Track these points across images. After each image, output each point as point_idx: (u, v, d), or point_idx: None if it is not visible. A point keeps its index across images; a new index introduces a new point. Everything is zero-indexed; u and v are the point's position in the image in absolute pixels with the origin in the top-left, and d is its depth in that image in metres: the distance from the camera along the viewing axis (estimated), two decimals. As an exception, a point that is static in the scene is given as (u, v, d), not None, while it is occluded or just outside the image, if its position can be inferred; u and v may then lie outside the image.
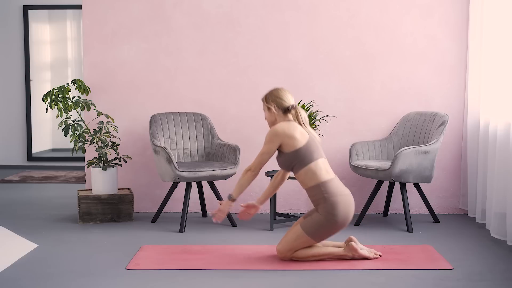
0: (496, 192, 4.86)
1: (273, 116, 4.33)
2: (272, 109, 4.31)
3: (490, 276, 3.96)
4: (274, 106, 4.30)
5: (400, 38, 5.78)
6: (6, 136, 8.94)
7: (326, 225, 4.15)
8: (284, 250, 4.22)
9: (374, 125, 5.81)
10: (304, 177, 4.20)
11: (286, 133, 4.19)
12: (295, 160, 4.20)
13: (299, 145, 4.18)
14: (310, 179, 4.19)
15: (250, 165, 4.35)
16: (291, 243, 4.20)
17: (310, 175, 4.18)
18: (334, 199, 4.13)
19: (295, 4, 5.76)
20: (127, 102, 5.83)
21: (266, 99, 4.34)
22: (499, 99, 5.01)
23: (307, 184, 4.21)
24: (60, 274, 3.99)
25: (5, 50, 8.85)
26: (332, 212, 4.12)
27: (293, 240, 4.20)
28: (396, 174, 5.07)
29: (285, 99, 4.30)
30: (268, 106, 4.32)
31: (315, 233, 4.16)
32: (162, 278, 3.92)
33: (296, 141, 4.18)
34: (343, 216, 4.14)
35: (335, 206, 4.12)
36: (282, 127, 4.22)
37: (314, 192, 4.18)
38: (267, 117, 4.37)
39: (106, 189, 5.48)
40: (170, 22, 5.79)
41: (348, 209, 4.17)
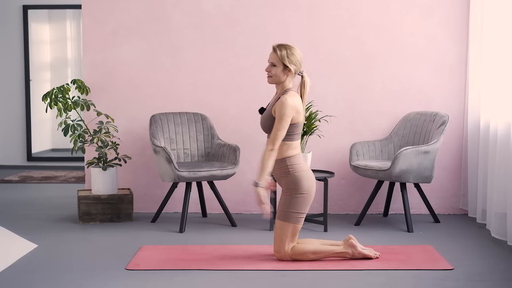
0: (497, 192, 4.86)
1: (284, 76, 4.17)
2: (292, 71, 4.16)
3: (490, 276, 3.96)
4: (294, 69, 4.17)
5: (400, 38, 5.78)
6: (5, 136, 8.93)
7: (294, 202, 4.17)
8: (279, 248, 4.23)
9: (374, 125, 5.81)
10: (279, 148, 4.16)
11: (297, 107, 4.12)
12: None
13: (296, 121, 4.15)
14: (280, 152, 4.17)
15: (270, 144, 4.10)
16: (279, 237, 4.22)
17: (283, 149, 4.17)
18: (297, 174, 4.17)
19: (295, 4, 5.76)
20: (127, 102, 5.83)
21: (288, 57, 4.16)
22: (499, 99, 5.01)
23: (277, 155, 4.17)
24: (60, 274, 3.99)
25: (5, 50, 8.85)
26: (297, 186, 4.16)
27: (278, 234, 4.22)
28: (396, 174, 5.07)
29: (301, 63, 4.22)
30: (286, 65, 4.15)
31: (289, 215, 4.17)
32: (162, 278, 3.91)
33: (299, 117, 4.15)
34: (307, 189, 4.17)
35: (298, 180, 4.16)
36: (294, 102, 4.11)
37: (280, 165, 4.19)
38: (276, 74, 4.16)
39: (106, 189, 5.48)
40: (170, 22, 5.79)
41: (311, 183, 4.20)
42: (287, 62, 4.15)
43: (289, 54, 4.16)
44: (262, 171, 4.09)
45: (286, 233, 4.20)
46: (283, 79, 4.20)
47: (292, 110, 4.11)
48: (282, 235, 4.21)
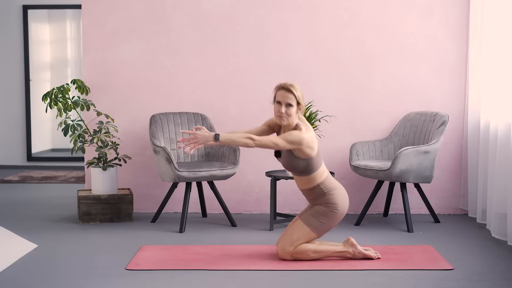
0: (497, 192, 4.86)
1: (297, 114, 4.19)
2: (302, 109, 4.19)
3: (491, 276, 3.95)
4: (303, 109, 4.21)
5: (400, 38, 5.77)
6: (5, 136, 8.93)
7: (327, 215, 4.21)
8: (285, 245, 4.21)
9: (374, 125, 5.81)
10: (308, 181, 4.22)
11: (309, 143, 4.11)
12: (307, 167, 4.17)
13: (313, 154, 4.17)
14: (312, 182, 4.22)
15: (256, 137, 4.07)
16: (292, 236, 4.21)
17: (314, 179, 4.22)
18: (334, 192, 4.22)
19: (295, 4, 5.76)
20: (127, 102, 5.83)
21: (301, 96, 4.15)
22: (499, 99, 5.01)
23: (304, 185, 4.25)
24: (60, 274, 3.99)
25: (5, 50, 8.85)
26: (334, 203, 4.21)
27: (292, 233, 4.22)
28: (396, 174, 5.07)
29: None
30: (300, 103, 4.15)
31: (316, 224, 4.21)
32: (162, 278, 3.91)
33: (313, 151, 4.16)
34: (342, 207, 4.24)
35: (336, 197, 4.22)
36: (308, 138, 4.09)
37: (313, 191, 4.24)
38: (291, 114, 4.13)
39: (106, 189, 5.48)
40: (170, 22, 5.78)
41: (346, 201, 4.27)
42: (302, 100, 4.18)
43: (300, 91, 4.18)
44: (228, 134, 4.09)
45: (301, 237, 4.21)
46: (295, 119, 4.21)
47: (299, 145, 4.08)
48: (297, 236, 4.21)
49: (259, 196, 5.85)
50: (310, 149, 4.12)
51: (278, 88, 4.18)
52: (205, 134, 4.03)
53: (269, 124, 4.37)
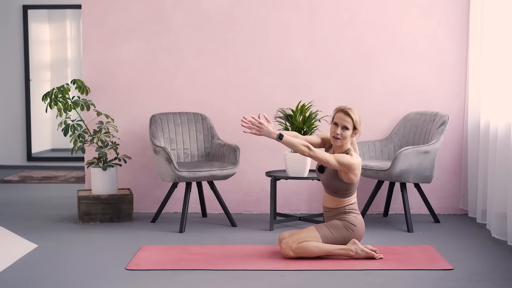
0: (497, 192, 4.86)
1: (350, 136, 4.30)
2: (358, 134, 4.32)
3: (491, 276, 3.95)
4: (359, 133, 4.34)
5: (400, 38, 5.78)
6: (5, 136, 8.93)
7: (341, 231, 4.30)
8: (290, 241, 4.26)
9: (374, 125, 5.81)
10: (339, 202, 4.34)
11: (356, 171, 4.24)
12: (347, 189, 4.31)
13: (356, 180, 4.29)
14: (342, 203, 4.34)
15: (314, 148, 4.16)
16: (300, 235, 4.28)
17: (348, 201, 4.34)
18: (355, 215, 4.33)
19: (295, 4, 5.76)
20: (127, 102, 5.83)
21: (359, 120, 4.30)
22: (499, 99, 5.01)
23: (335, 205, 4.36)
24: (60, 274, 3.99)
25: (5, 50, 8.85)
26: (353, 223, 4.30)
27: (302, 232, 4.31)
28: (396, 174, 5.07)
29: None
30: (356, 128, 4.29)
31: (326, 233, 4.28)
32: (162, 278, 3.91)
33: (356, 177, 4.28)
34: (359, 230, 4.33)
35: (356, 220, 4.32)
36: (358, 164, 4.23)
37: (338, 211, 4.36)
38: (346, 137, 4.27)
39: (106, 189, 5.47)
40: (170, 22, 5.78)
41: (363, 227, 4.36)
42: (358, 126, 4.30)
43: (359, 117, 4.31)
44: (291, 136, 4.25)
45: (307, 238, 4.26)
46: (348, 142, 4.34)
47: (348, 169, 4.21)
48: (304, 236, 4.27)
49: (259, 196, 5.85)
50: (355, 176, 4.26)
51: (337, 110, 4.34)
52: (270, 130, 4.17)
53: (323, 138, 4.51)
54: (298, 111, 5.15)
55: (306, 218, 5.31)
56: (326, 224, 4.34)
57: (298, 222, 5.41)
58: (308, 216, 5.37)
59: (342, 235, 4.29)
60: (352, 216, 4.32)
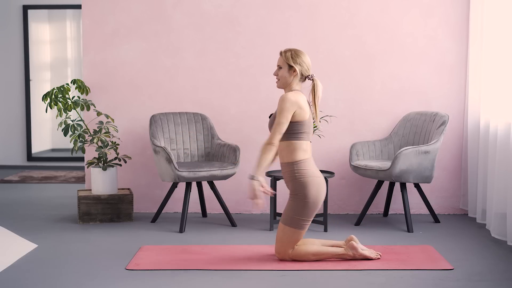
0: (497, 192, 4.86)
1: (291, 77, 4.18)
2: (296, 72, 4.16)
3: (490, 276, 3.96)
4: (300, 69, 4.16)
5: (400, 38, 5.78)
6: (5, 136, 8.93)
7: (299, 208, 4.13)
8: (279, 250, 4.22)
9: (374, 125, 5.81)
10: (284, 148, 4.17)
11: (299, 103, 4.11)
12: (289, 130, 4.13)
13: (294, 119, 4.11)
14: (288, 154, 4.16)
15: (269, 139, 4.11)
16: (281, 240, 4.21)
17: (290, 150, 4.15)
18: (304, 180, 4.13)
19: (295, 3, 5.76)
20: (127, 102, 5.83)
21: (292, 58, 4.17)
22: (499, 99, 5.01)
23: (283, 158, 4.20)
24: (60, 274, 3.99)
25: (5, 50, 8.85)
26: (302, 193, 4.13)
27: (280, 237, 4.22)
28: (396, 174, 5.07)
29: (309, 66, 4.21)
30: (291, 65, 4.16)
31: (293, 220, 4.15)
32: (162, 278, 3.91)
33: (303, 113, 4.12)
34: (313, 196, 4.13)
35: (304, 186, 4.12)
36: (295, 97, 4.11)
37: (288, 169, 4.19)
38: (282, 75, 4.19)
39: (106, 189, 5.48)
40: (170, 22, 5.79)
41: (318, 190, 4.14)
42: (292, 62, 4.17)
43: (293, 55, 4.19)
44: (259, 165, 4.08)
45: (288, 238, 4.19)
46: (290, 80, 4.21)
47: (293, 105, 4.09)
48: (284, 239, 4.20)
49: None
50: (301, 109, 4.10)
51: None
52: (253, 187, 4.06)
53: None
54: (298, 111, 5.15)
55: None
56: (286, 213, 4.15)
57: (298, 222, 5.41)
58: (308, 216, 5.37)
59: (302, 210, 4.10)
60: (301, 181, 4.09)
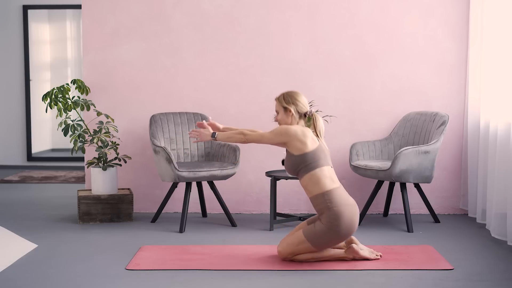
0: (497, 192, 4.86)
1: (289, 118, 4.23)
2: (291, 112, 4.21)
3: (490, 276, 3.95)
4: (294, 109, 4.21)
5: (400, 38, 5.78)
6: (5, 136, 8.93)
7: (329, 235, 4.10)
8: (285, 253, 4.21)
9: (374, 125, 5.81)
10: (308, 183, 4.15)
11: (298, 136, 4.13)
12: (302, 164, 4.15)
13: (307, 149, 4.13)
14: (314, 186, 4.13)
15: (247, 132, 4.28)
16: (293, 247, 4.18)
17: (315, 181, 4.13)
18: (338, 209, 4.07)
19: (295, 3, 5.76)
20: (127, 102, 5.83)
21: (285, 100, 4.23)
22: (499, 99, 5.01)
23: (311, 192, 4.15)
24: (60, 274, 3.99)
25: (5, 50, 8.85)
26: (335, 223, 4.07)
27: (294, 244, 4.17)
28: (396, 174, 5.07)
29: (304, 104, 4.25)
30: (286, 107, 4.22)
31: (317, 242, 4.12)
32: (162, 278, 3.91)
33: (305, 146, 4.13)
34: (346, 226, 4.08)
35: (338, 216, 4.06)
36: (295, 129, 4.15)
37: (318, 201, 4.13)
38: (281, 119, 4.27)
39: (106, 189, 5.48)
40: (170, 22, 5.78)
41: (352, 220, 4.10)
42: (285, 104, 4.24)
43: (285, 96, 4.26)
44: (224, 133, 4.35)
45: (301, 250, 4.16)
46: (288, 121, 4.25)
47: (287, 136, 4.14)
48: (296, 248, 4.16)
49: (259, 196, 5.85)
50: (300, 143, 4.13)
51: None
52: (206, 133, 4.40)
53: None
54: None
55: (306, 218, 5.31)
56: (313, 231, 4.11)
57: (298, 222, 5.41)
58: (308, 216, 5.37)
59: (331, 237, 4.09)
60: (334, 211, 4.06)
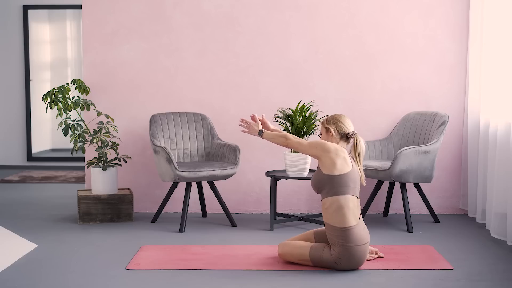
0: (496, 192, 4.86)
1: (329, 138, 4.19)
2: (331, 132, 4.17)
3: (490, 276, 3.96)
4: (334, 129, 4.17)
5: (400, 38, 5.78)
6: (6, 136, 8.94)
7: (334, 266, 4.05)
8: (285, 258, 4.20)
9: (374, 125, 5.81)
10: (329, 207, 4.03)
11: (330, 152, 4.04)
12: (327, 185, 4.04)
13: (336, 172, 4.02)
14: (334, 215, 4.00)
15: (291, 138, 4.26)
16: (293, 259, 4.15)
17: (335, 209, 4.00)
18: (352, 249, 3.99)
19: (295, 4, 5.76)
20: (127, 102, 5.83)
21: (327, 121, 4.23)
22: (499, 99, 5.01)
23: (329, 220, 4.03)
24: (60, 274, 3.99)
25: (5, 50, 8.85)
26: (345, 260, 4.01)
27: (296, 257, 4.13)
28: (396, 174, 5.07)
29: (346, 125, 4.18)
30: (327, 127, 4.20)
31: (319, 264, 4.09)
32: (162, 278, 3.91)
33: (334, 167, 4.03)
34: (354, 264, 4.04)
35: (350, 255, 3.99)
36: (330, 145, 4.08)
37: (334, 233, 4.02)
38: (323, 139, 4.23)
39: (106, 189, 5.48)
40: (170, 22, 5.79)
41: (361, 259, 4.04)
42: (326, 125, 4.23)
43: (328, 118, 4.26)
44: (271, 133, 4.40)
45: (301, 260, 4.13)
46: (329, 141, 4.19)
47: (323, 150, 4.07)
48: (296, 258, 4.14)
49: (259, 196, 5.85)
50: (330, 160, 4.03)
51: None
52: (254, 128, 4.50)
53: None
54: (298, 111, 5.16)
55: (306, 218, 5.32)
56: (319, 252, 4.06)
57: (298, 222, 5.41)
58: (308, 216, 5.38)
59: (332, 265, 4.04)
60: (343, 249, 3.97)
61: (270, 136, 4.39)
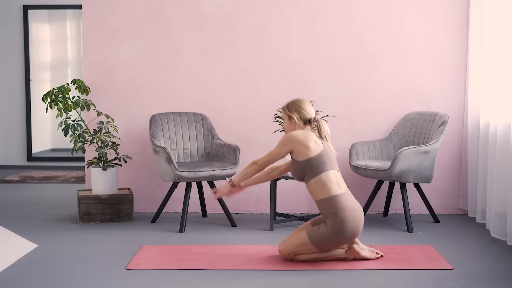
0: (496, 192, 4.86)
1: (293, 126, 4.26)
2: (294, 119, 4.24)
3: (490, 276, 3.96)
4: (297, 116, 4.24)
5: (400, 38, 5.78)
6: (6, 136, 8.94)
7: (332, 239, 4.11)
8: (287, 253, 4.21)
9: (374, 125, 5.81)
10: (314, 188, 4.16)
11: (300, 141, 4.16)
12: (307, 169, 4.15)
13: (311, 154, 4.14)
14: (320, 191, 4.13)
15: (258, 159, 4.34)
16: (294, 247, 4.18)
17: (320, 186, 4.13)
18: (344, 215, 4.08)
19: (295, 4, 5.76)
20: (127, 102, 5.83)
21: (288, 108, 4.27)
22: (499, 99, 5.01)
23: (317, 196, 4.15)
24: (60, 274, 3.99)
25: (5, 50, 8.85)
26: (340, 228, 4.08)
27: (296, 245, 4.17)
28: (396, 174, 5.07)
29: (308, 110, 4.26)
30: (290, 115, 4.26)
31: (319, 243, 4.13)
32: (162, 278, 3.91)
33: (309, 150, 4.14)
34: (350, 232, 4.10)
35: (343, 221, 4.07)
36: (297, 134, 4.18)
37: (324, 205, 4.13)
38: (286, 127, 4.31)
39: (106, 189, 5.48)
40: (170, 22, 5.79)
41: (356, 225, 4.11)
42: (288, 112, 4.28)
43: (289, 105, 4.31)
44: (239, 174, 4.35)
45: (303, 250, 4.17)
46: (293, 128, 4.29)
47: (291, 143, 4.18)
48: (298, 248, 4.17)
49: (259, 196, 5.85)
50: (303, 147, 4.15)
51: None
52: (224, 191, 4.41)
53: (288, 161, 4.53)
54: (298, 111, 5.15)
55: (306, 218, 5.32)
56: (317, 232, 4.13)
57: (298, 222, 5.42)
58: (308, 216, 5.38)
59: (334, 240, 4.11)
60: (339, 217, 4.06)
61: (241, 175, 4.33)
